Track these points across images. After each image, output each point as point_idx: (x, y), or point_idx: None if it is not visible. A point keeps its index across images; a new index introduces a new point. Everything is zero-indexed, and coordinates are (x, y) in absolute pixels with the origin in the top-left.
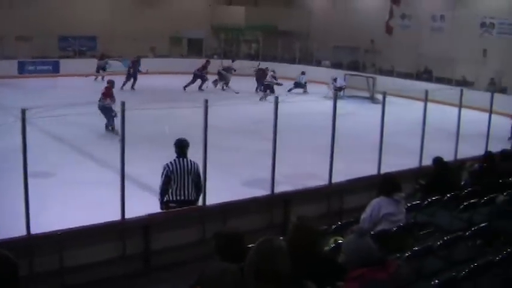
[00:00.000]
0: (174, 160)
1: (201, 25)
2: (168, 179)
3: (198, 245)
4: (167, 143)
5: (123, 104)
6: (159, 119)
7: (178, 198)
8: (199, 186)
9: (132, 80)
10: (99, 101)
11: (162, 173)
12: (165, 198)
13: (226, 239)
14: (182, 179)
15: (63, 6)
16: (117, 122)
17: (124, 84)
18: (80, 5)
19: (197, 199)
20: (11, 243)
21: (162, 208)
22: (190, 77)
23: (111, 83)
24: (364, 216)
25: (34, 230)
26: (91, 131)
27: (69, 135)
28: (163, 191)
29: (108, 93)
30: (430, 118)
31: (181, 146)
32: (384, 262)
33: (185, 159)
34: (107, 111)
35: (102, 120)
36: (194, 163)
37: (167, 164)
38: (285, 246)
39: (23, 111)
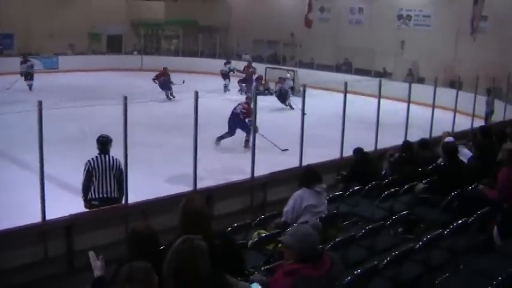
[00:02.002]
0: (96, 157)
1: (120, 21)
2: (90, 175)
3: (122, 244)
4: (87, 142)
5: (40, 103)
6: (78, 118)
7: (100, 195)
8: (121, 184)
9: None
10: None
11: (84, 169)
12: (88, 196)
13: (138, 237)
14: (104, 176)
15: None
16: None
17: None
18: None
19: (121, 197)
20: None
21: (85, 206)
22: (108, 74)
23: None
24: (287, 208)
25: None
26: (8, 131)
27: None
28: (85, 187)
29: None
30: (350, 109)
31: (103, 143)
32: (320, 258)
33: (107, 156)
34: None
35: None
36: (116, 160)
37: (89, 160)
38: (204, 246)
39: None
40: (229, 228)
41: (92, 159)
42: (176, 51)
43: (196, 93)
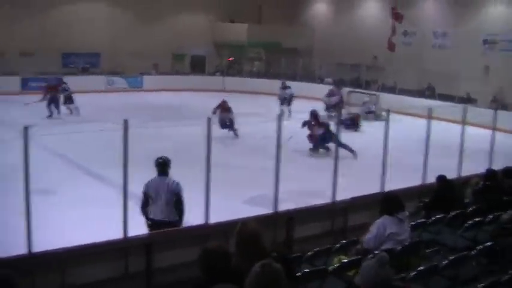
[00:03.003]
0: (153, 178)
1: (204, 42)
2: (145, 196)
3: None
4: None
5: (125, 121)
6: (161, 137)
7: (152, 217)
8: (179, 207)
9: None
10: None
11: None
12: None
13: (212, 256)
14: (156, 198)
15: (66, 23)
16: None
17: None
18: (83, 21)
19: (178, 220)
20: (12, 262)
21: (149, 225)
22: (191, 94)
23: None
24: (369, 236)
25: (35, 249)
26: (93, 148)
27: (71, 153)
28: (142, 208)
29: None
30: (433, 135)
31: (161, 164)
32: None
33: (165, 178)
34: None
35: (104, 138)
36: (173, 183)
37: (146, 183)
38: (281, 269)
39: (25, 129)
40: (309, 253)
41: (149, 181)
42: (259, 73)
43: (280, 115)
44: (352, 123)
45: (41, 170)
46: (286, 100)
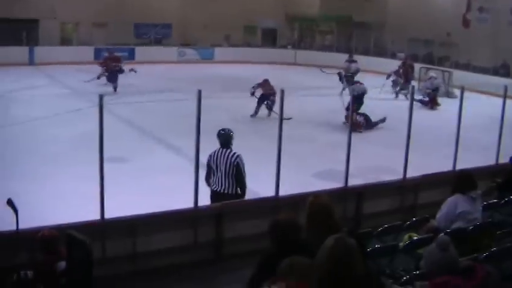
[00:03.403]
0: (216, 150)
1: (275, 15)
2: (209, 168)
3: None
4: (240, 133)
5: (199, 92)
6: (231, 108)
7: (215, 188)
8: (239, 180)
9: None
10: None
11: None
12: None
13: (283, 228)
14: (220, 171)
15: None
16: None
17: None
18: None
19: (240, 193)
20: (86, 227)
21: (211, 196)
22: (262, 67)
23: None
24: (440, 214)
25: (108, 215)
26: (165, 118)
27: (143, 122)
28: (206, 179)
29: None
30: (508, 114)
31: (223, 136)
32: (471, 271)
33: (225, 150)
34: None
35: (176, 108)
36: (234, 155)
37: (210, 154)
38: (355, 244)
39: (100, 97)
40: (379, 229)
41: (212, 152)
42: (330, 47)
43: (352, 89)
44: (429, 101)
45: (113, 139)
46: (350, 75)
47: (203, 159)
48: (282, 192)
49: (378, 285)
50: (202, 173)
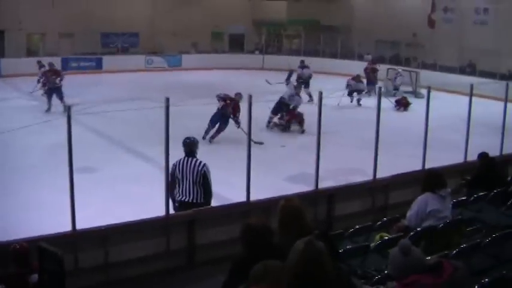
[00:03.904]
0: (181, 159)
1: (243, 20)
2: (172, 178)
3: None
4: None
5: (167, 99)
6: (199, 115)
7: (181, 198)
8: (206, 189)
9: None
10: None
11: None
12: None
13: (254, 232)
14: (184, 179)
15: (104, 3)
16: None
17: None
18: (122, 1)
19: (206, 202)
20: (57, 239)
21: (174, 208)
22: (230, 73)
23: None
24: (410, 213)
25: (79, 226)
26: (134, 127)
27: (112, 131)
28: (170, 190)
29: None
30: (475, 113)
31: (189, 145)
32: (439, 267)
33: (191, 159)
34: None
35: (144, 116)
36: (200, 163)
37: (174, 163)
38: (324, 247)
39: (68, 108)
40: (350, 230)
41: (177, 161)
42: (298, 51)
43: (321, 93)
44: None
45: (83, 149)
46: (302, 81)
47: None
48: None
49: (348, 286)
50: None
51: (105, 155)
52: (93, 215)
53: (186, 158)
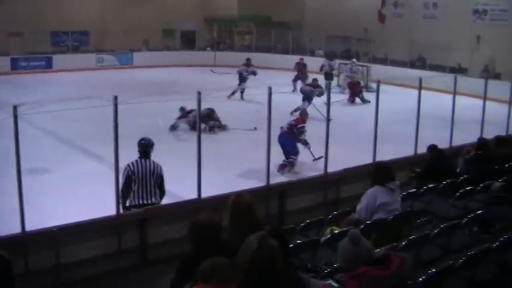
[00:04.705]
0: (136, 161)
1: (194, 17)
2: (129, 180)
3: None
4: (159, 136)
5: (115, 98)
6: (152, 113)
7: (141, 202)
8: (162, 189)
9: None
10: None
11: (123, 174)
12: (128, 202)
13: (201, 228)
14: (144, 182)
15: (54, 2)
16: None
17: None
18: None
19: (159, 202)
20: (6, 241)
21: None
22: (182, 70)
23: None
24: (360, 206)
25: (29, 227)
26: (85, 126)
27: (63, 131)
28: (124, 193)
29: None
30: (424, 106)
31: (145, 146)
32: (386, 260)
33: (148, 161)
34: None
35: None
36: (157, 165)
37: (128, 165)
38: (276, 244)
39: (15, 108)
40: (301, 224)
41: (132, 163)
42: (249, 47)
43: (270, 88)
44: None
45: (33, 149)
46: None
47: (123, 165)
48: None
49: (296, 281)
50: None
51: (55, 155)
52: (45, 216)
53: (141, 160)
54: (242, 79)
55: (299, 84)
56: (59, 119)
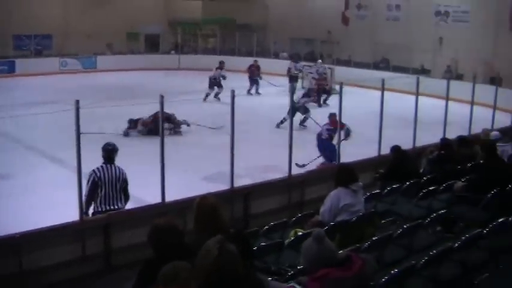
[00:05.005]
0: (102, 166)
1: (158, 20)
2: (95, 186)
3: None
4: (121, 140)
5: (77, 102)
6: (116, 117)
7: (107, 207)
8: (127, 193)
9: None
10: None
11: (88, 180)
12: (91, 209)
13: (161, 232)
14: (111, 187)
15: (16, 5)
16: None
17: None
18: (34, 3)
19: (124, 207)
20: None
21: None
22: (146, 73)
23: None
24: (323, 208)
25: None
26: (48, 131)
27: (26, 136)
28: (89, 199)
29: None
30: (388, 107)
31: (110, 151)
32: (348, 261)
33: (113, 166)
34: None
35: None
36: (122, 169)
37: (94, 171)
38: (235, 248)
39: None
40: (266, 227)
41: (98, 168)
42: (213, 50)
43: (233, 91)
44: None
45: None
46: (216, 81)
47: (86, 169)
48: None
49: (256, 284)
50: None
51: (18, 160)
52: (7, 223)
53: (106, 165)
54: (218, 83)
55: (255, 86)
56: (22, 124)
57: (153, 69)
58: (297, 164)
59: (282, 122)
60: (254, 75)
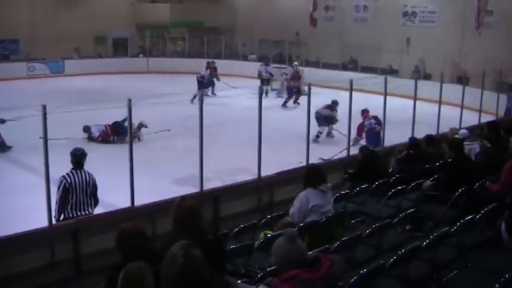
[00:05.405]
0: (72, 172)
1: (125, 24)
2: (66, 192)
3: None
4: (89, 145)
5: (44, 107)
6: (84, 121)
7: (78, 213)
8: (96, 198)
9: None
10: None
11: (59, 186)
12: (63, 215)
13: (127, 236)
14: (81, 193)
15: None
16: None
17: None
18: (1, 7)
19: (93, 212)
20: None
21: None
22: (114, 77)
23: None
24: (293, 210)
25: None
26: (15, 136)
27: None
28: (61, 205)
29: None
30: (356, 107)
31: (79, 156)
32: (316, 262)
33: (82, 171)
34: None
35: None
36: (91, 174)
37: (64, 177)
38: (200, 254)
39: None
40: (235, 229)
41: (68, 174)
42: (182, 53)
43: (201, 94)
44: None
45: None
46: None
47: (55, 174)
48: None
49: (223, 286)
50: (54, 189)
51: None
52: None
53: (76, 171)
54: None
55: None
56: None
57: (121, 73)
58: (322, 159)
59: (318, 136)
60: (211, 76)
